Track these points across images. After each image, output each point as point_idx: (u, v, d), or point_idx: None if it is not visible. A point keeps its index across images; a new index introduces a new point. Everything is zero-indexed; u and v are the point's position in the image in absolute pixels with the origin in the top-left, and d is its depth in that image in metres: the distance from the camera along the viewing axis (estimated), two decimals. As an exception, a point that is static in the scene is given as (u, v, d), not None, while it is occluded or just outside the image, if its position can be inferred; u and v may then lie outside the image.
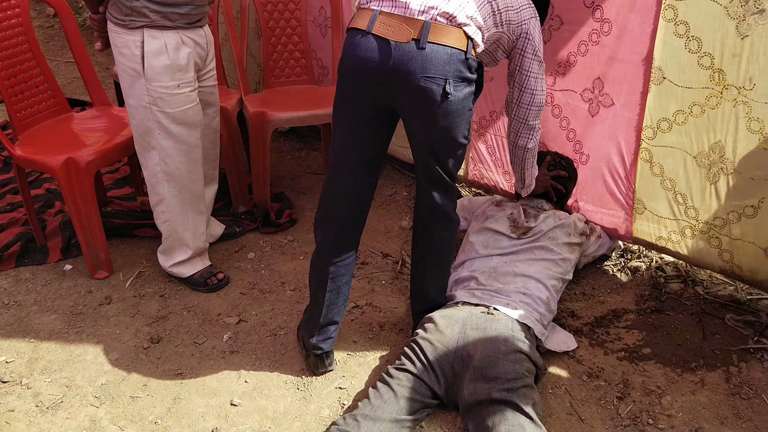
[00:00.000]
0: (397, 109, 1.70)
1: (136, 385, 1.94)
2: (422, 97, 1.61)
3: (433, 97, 1.60)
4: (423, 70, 1.58)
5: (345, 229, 1.84)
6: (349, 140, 1.75)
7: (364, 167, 1.78)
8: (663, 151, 2.16)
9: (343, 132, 1.75)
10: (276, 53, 3.02)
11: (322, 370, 1.97)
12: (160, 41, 1.99)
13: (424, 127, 1.68)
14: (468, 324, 1.86)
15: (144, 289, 2.39)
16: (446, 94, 1.60)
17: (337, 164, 1.78)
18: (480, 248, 2.24)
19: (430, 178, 1.80)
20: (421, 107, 1.63)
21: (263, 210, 2.84)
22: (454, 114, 1.64)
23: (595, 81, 2.24)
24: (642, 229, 2.35)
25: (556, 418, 1.82)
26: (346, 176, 1.78)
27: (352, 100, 1.69)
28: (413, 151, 1.81)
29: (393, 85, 1.62)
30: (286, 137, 3.85)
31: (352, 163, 1.77)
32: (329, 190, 1.83)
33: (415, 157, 1.82)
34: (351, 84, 1.67)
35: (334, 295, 1.89)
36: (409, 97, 1.63)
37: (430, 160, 1.75)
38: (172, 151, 2.13)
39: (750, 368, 1.98)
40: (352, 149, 1.75)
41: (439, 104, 1.61)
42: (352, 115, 1.72)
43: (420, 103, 1.62)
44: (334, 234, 1.83)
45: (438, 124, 1.65)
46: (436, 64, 1.58)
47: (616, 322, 2.21)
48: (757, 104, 1.86)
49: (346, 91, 1.70)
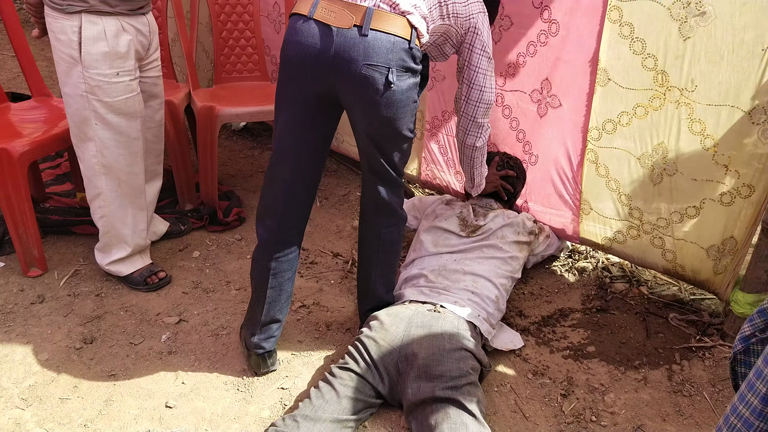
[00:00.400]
0: (340, 98, 1.66)
1: (66, 387, 1.84)
2: (364, 86, 1.58)
3: (375, 85, 1.57)
4: (365, 58, 1.55)
5: (287, 223, 1.79)
6: (291, 129, 1.70)
7: (306, 158, 1.74)
8: (608, 153, 2.18)
9: (284, 121, 1.70)
10: (227, 48, 2.96)
11: (264, 370, 1.91)
12: (98, 27, 1.91)
13: (367, 117, 1.65)
14: (413, 322, 1.83)
15: (79, 288, 2.28)
16: (389, 83, 1.57)
17: (278, 154, 1.73)
18: (430, 246, 2.22)
19: (374, 170, 1.77)
20: (363, 96, 1.60)
21: (210, 208, 2.76)
22: (397, 104, 1.62)
23: (543, 82, 2.26)
24: (589, 229, 2.38)
25: (501, 415, 1.80)
26: (287, 167, 1.74)
27: (294, 87, 1.65)
28: (357, 143, 1.77)
29: (335, 73, 1.59)
30: (239, 136, 3.77)
31: (293, 154, 1.72)
32: (270, 182, 1.77)
33: (360, 149, 1.78)
34: (292, 71, 1.63)
35: (275, 292, 1.83)
36: (351, 85, 1.59)
37: (374, 152, 1.72)
38: (110, 143, 2.04)
39: (692, 366, 2.01)
40: (294, 139, 1.71)
41: (381, 93, 1.58)
42: (293, 103, 1.67)
43: (362, 91, 1.59)
44: (275, 227, 1.78)
45: (381, 113, 1.62)
46: (379, 51, 1.55)
47: (563, 321, 2.22)
48: (699, 106, 1.90)
49: (288, 78, 1.65)
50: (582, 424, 1.78)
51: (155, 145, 2.37)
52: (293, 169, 1.74)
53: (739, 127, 1.85)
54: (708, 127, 1.91)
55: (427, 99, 2.67)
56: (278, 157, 1.74)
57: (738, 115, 1.83)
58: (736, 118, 1.84)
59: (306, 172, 1.76)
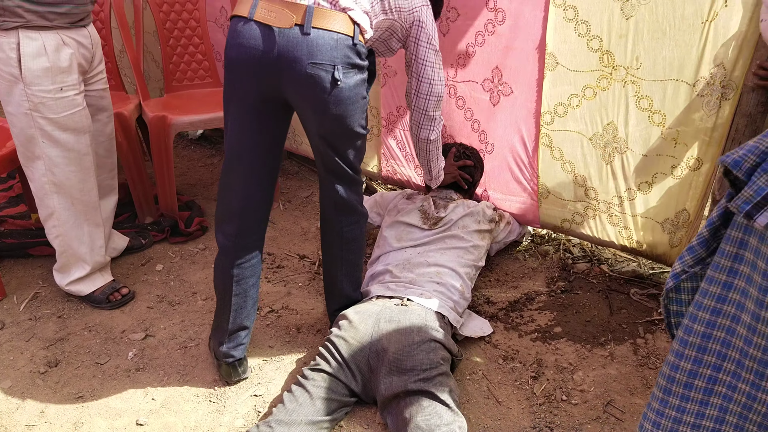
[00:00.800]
0: (288, 99, 1.65)
1: (32, 413, 1.79)
2: (311, 85, 1.57)
3: (322, 84, 1.57)
4: (309, 57, 1.54)
5: (246, 228, 1.77)
6: (241, 133, 1.68)
7: (260, 161, 1.72)
8: (561, 135, 2.22)
9: (234, 125, 1.68)
10: (176, 56, 2.91)
11: (235, 378, 1.89)
12: (37, 42, 1.86)
13: (317, 117, 1.65)
14: (381, 317, 1.84)
15: (40, 311, 2.22)
16: (336, 81, 1.57)
17: (231, 159, 1.71)
18: (393, 242, 2.23)
19: (330, 170, 1.76)
20: (310, 96, 1.60)
21: (171, 219, 2.72)
22: (346, 102, 1.62)
23: (494, 71, 2.28)
24: (548, 213, 2.42)
25: (474, 403, 1.82)
26: (241, 172, 1.72)
27: (240, 90, 1.63)
28: (311, 143, 1.77)
29: (280, 74, 1.58)
30: (197, 145, 3.72)
31: (245, 158, 1.70)
32: (225, 188, 1.75)
33: (314, 149, 1.78)
34: (237, 74, 1.62)
35: (241, 299, 1.82)
36: (298, 86, 1.59)
37: (328, 151, 1.72)
38: (59, 160, 1.99)
39: (656, 339, 2.06)
40: (245, 143, 1.69)
41: (329, 92, 1.58)
42: (241, 107, 1.66)
43: (309, 91, 1.59)
44: (234, 233, 1.76)
45: (330, 112, 1.62)
46: (323, 50, 1.54)
47: (529, 305, 2.26)
48: (645, 82, 1.95)
49: (233, 82, 1.64)
50: (554, 404, 1.82)
51: (107, 160, 2.32)
52: (247, 174, 1.72)
53: (684, 100, 1.90)
54: (655, 102, 1.95)
55: (381, 96, 2.68)
56: (231, 163, 1.72)
57: (683, 88, 1.88)
58: (681, 92, 1.89)
59: (260, 176, 1.74)
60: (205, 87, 3.02)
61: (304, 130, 1.75)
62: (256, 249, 1.81)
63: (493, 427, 1.74)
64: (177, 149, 3.63)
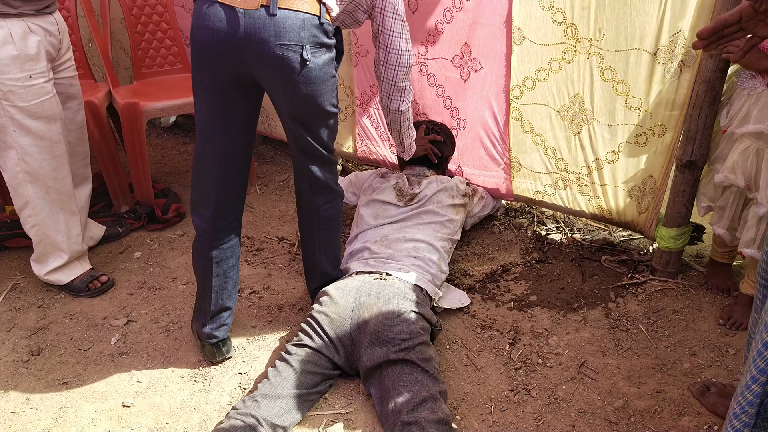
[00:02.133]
0: (258, 80, 1.67)
1: (18, 400, 1.80)
2: (280, 66, 1.58)
3: (291, 65, 1.58)
4: (277, 38, 1.55)
5: (222, 210, 1.79)
6: (211, 115, 1.69)
7: (232, 143, 1.73)
8: (530, 109, 2.27)
9: (204, 108, 1.69)
10: (144, 42, 2.89)
11: (219, 358, 1.92)
12: (3, 30, 1.84)
13: (287, 97, 1.66)
14: (362, 291, 1.88)
15: (20, 302, 2.22)
16: (304, 61, 1.58)
17: (203, 142, 1.72)
18: (370, 219, 2.26)
19: (303, 150, 1.78)
20: (280, 77, 1.61)
21: (147, 207, 2.71)
22: (315, 81, 1.63)
23: (463, 47, 2.32)
24: (521, 186, 2.47)
25: (454, 370, 1.88)
26: (214, 154, 1.73)
27: (208, 73, 1.64)
28: (283, 124, 1.78)
29: (248, 56, 1.59)
30: (170, 133, 3.70)
31: (218, 140, 1.71)
32: (198, 171, 1.76)
33: (286, 130, 1.80)
34: (204, 56, 1.62)
35: (221, 280, 1.84)
36: (267, 67, 1.60)
37: (301, 131, 1.74)
38: (31, 149, 1.98)
39: (626, 302, 2.14)
40: (216, 125, 1.70)
41: (298, 72, 1.60)
42: (209, 89, 1.66)
43: (278, 72, 1.60)
44: (211, 215, 1.78)
45: (301, 92, 1.63)
46: (290, 30, 1.56)
47: (505, 276, 2.32)
48: (608, 53, 2.00)
49: (200, 65, 1.64)
50: (530, 367, 1.88)
51: (79, 148, 2.31)
52: (220, 156, 1.73)
53: (646, 69, 1.96)
54: (618, 72, 2.01)
55: (354, 75, 2.70)
56: (203, 145, 1.73)
57: (644, 57, 1.94)
58: (643, 61, 1.95)
59: (234, 157, 1.76)
60: (175, 73, 3.00)
61: (276, 111, 1.76)
62: (234, 231, 1.83)
63: (473, 393, 1.80)
64: (150, 138, 3.60)
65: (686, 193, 2.06)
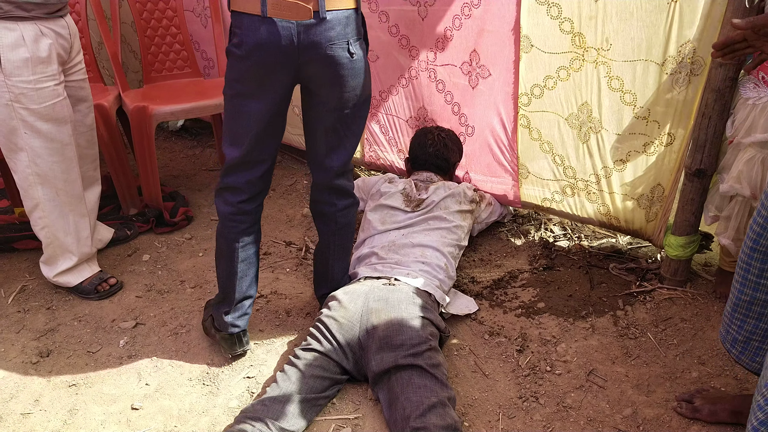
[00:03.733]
0: (307, 81, 1.71)
1: (27, 402, 1.81)
2: (332, 64, 1.64)
3: (341, 61, 1.65)
4: (328, 40, 1.61)
5: (255, 196, 1.83)
6: (260, 120, 1.71)
7: (277, 139, 1.79)
8: (538, 116, 2.28)
9: (251, 106, 1.69)
10: (154, 46, 2.91)
11: (240, 349, 1.93)
12: (16, 33, 1.85)
13: (336, 92, 1.71)
14: (370, 296, 1.88)
15: (29, 304, 2.23)
16: (351, 55, 1.66)
17: (252, 144, 1.73)
18: (378, 225, 2.27)
19: (332, 147, 1.82)
20: (331, 74, 1.66)
21: (155, 210, 2.72)
22: (360, 71, 1.70)
23: (471, 54, 2.33)
24: (528, 192, 2.48)
25: (462, 377, 1.88)
26: (262, 155, 1.77)
27: (260, 81, 1.66)
28: (316, 125, 1.80)
29: (301, 60, 1.63)
30: (178, 136, 3.72)
31: (266, 139, 1.75)
32: (242, 160, 1.77)
33: (316, 132, 1.81)
34: (256, 69, 1.63)
35: (246, 266, 1.87)
36: (319, 67, 1.65)
37: (337, 127, 1.78)
38: (42, 151, 1.99)
39: (635, 310, 2.14)
40: (267, 127, 1.73)
41: (347, 67, 1.66)
42: (259, 92, 1.68)
43: (330, 69, 1.66)
44: (238, 200, 1.80)
45: (349, 85, 1.70)
46: (338, 29, 1.61)
47: (513, 283, 2.32)
48: (615, 63, 2.01)
49: (251, 75, 1.64)
50: (538, 374, 1.88)
51: (89, 150, 2.32)
52: (267, 155, 1.79)
53: (653, 79, 1.96)
54: (626, 83, 2.02)
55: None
56: (254, 145, 1.74)
57: (652, 68, 1.95)
58: (650, 72, 1.96)
59: (275, 152, 1.82)
60: (184, 77, 3.02)
61: (312, 112, 1.78)
62: (257, 215, 1.87)
63: (481, 399, 1.80)
64: (158, 141, 3.61)
65: (695, 201, 2.06)
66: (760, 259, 1.33)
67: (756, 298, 1.39)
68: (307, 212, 2.84)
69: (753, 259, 1.35)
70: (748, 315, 1.42)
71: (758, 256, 1.34)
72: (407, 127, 2.73)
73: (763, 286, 1.36)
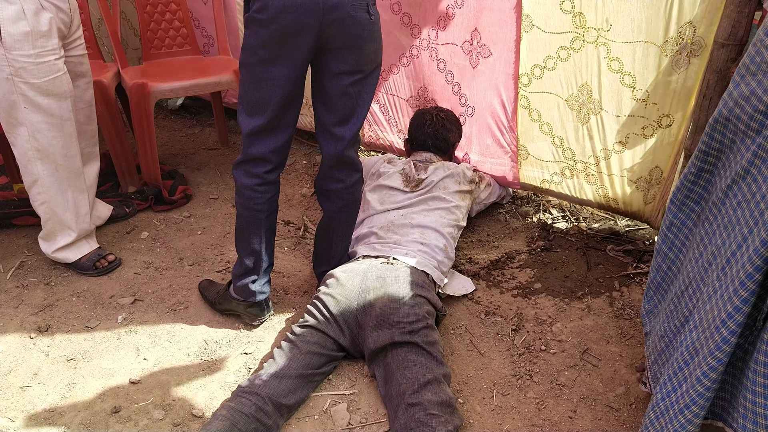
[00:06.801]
0: (327, 43, 1.70)
1: (26, 375, 1.83)
2: (353, 26, 1.67)
3: (361, 23, 1.68)
4: (351, 0, 1.64)
5: (278, 165, 1.85)
6: (292, 84, 1.72)
7: (298, 106, 1.80)
8: (538, 97, 2.27)
9: (275, 71, 1.69)
10: (153, 23, 2.88)
11: (266, 315, 2.01)
12: (16, 6, 1.84)
13: (354, 53, 1.73)
14: (368, 275, 1.89)
15: (27, 279, 2.24)
16: (370, 16, 1.70)
17: (273, 101, 1.73)
18: (377, 205, 2.27)
19: (345, 117, 1.82)
20: (352, 34, 1.69)
21: (154, 188, 2.72)
22: (376, 33, 1.75)
23: (473, 33, 2.31)
24: (528, 174, 2.48)
25: (458, 355, 1.90)
26: (285, 121, 1.78)
27: (284, 45, 1.66)
28: (331, 88, 1.78)
29: (325, 21, 1.64)
30: (177, 115, 3.70)
31: (290, 108, 1.77)
32: (267, 126, 1.76)
33: (329, 99, 1.81)
34: (281, 32, 1.63)
35: (270, 234, 1.91)
36: (342, 27, 1.67)
37: (351, 92, 1.78)
38: (41, 126, 1.99)
39: (630, 292, 2.15)
40: (292, 93, 1.74)
41: (366, 28, 1.70)
42: (290, 64, 1.69)
43: (352, 31, 1.68)
44: (263, 171, 1.81)
45: (367, 46, 1.73)
46: None
47: (510, 264, 2.33)
48: (615, 44, 1.99)
49: (275, 39, 1.64)
50: (533, 353, 1.90)
51: (88, 126, 2.31)
52: (292, 121, 1.80)
53: (653, 62, 1.95)
54: (625, 64, 2.01)
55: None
56: (279, 111, 1.75)
57: (652, 49, 1.94)
58: (650, 53, 1.94)
59: (295, 121, 1.83)
60: (184, 54, 3.00)
61: (325, 77, 1.78)
62: (277, 186, 1.89)
63: (476, 377, 1.82)
64: (157, 120, 3.60)
65: (693, 183, 2.06)
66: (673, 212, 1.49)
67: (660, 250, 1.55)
68: (305, 192, 2.84)
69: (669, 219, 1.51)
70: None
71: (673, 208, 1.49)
72: (407, 107, 2.72)
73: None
